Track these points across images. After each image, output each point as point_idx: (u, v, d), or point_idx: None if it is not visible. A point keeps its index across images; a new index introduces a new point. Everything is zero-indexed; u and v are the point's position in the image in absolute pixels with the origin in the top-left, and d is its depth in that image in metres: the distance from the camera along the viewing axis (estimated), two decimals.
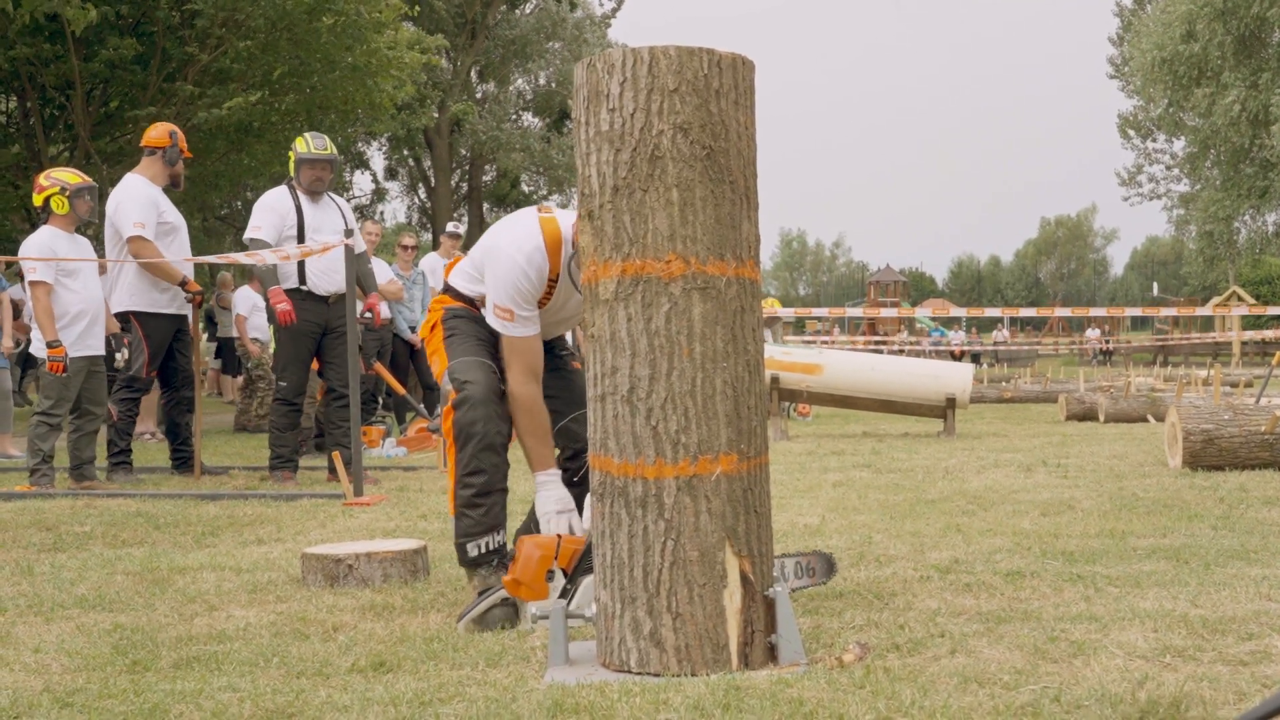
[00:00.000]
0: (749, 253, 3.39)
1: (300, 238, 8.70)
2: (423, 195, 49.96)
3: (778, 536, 5.52)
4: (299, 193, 8.85)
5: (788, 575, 3.99)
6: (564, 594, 3.80)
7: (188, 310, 9.05)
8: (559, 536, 3.94)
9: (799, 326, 56.04)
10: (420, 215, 50.70)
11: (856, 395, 12.24)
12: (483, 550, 4.26)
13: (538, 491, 4.19)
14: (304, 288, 8.75)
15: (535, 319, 4.21)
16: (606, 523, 3.37)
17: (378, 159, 46.99)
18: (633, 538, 3.31)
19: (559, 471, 4.26)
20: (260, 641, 3.85)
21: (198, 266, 9.73)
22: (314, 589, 4.75)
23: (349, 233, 8.70)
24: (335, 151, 8.98)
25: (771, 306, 18.27)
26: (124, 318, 8.88)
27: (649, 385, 3.28)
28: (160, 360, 8.99)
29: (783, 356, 12.30)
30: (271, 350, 8.88)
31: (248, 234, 8.81)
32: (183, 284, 8.84)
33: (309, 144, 8.90)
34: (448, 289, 4.57)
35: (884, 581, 4.55)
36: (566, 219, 4.21)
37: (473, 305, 4.45)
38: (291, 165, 8.94)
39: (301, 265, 8.74)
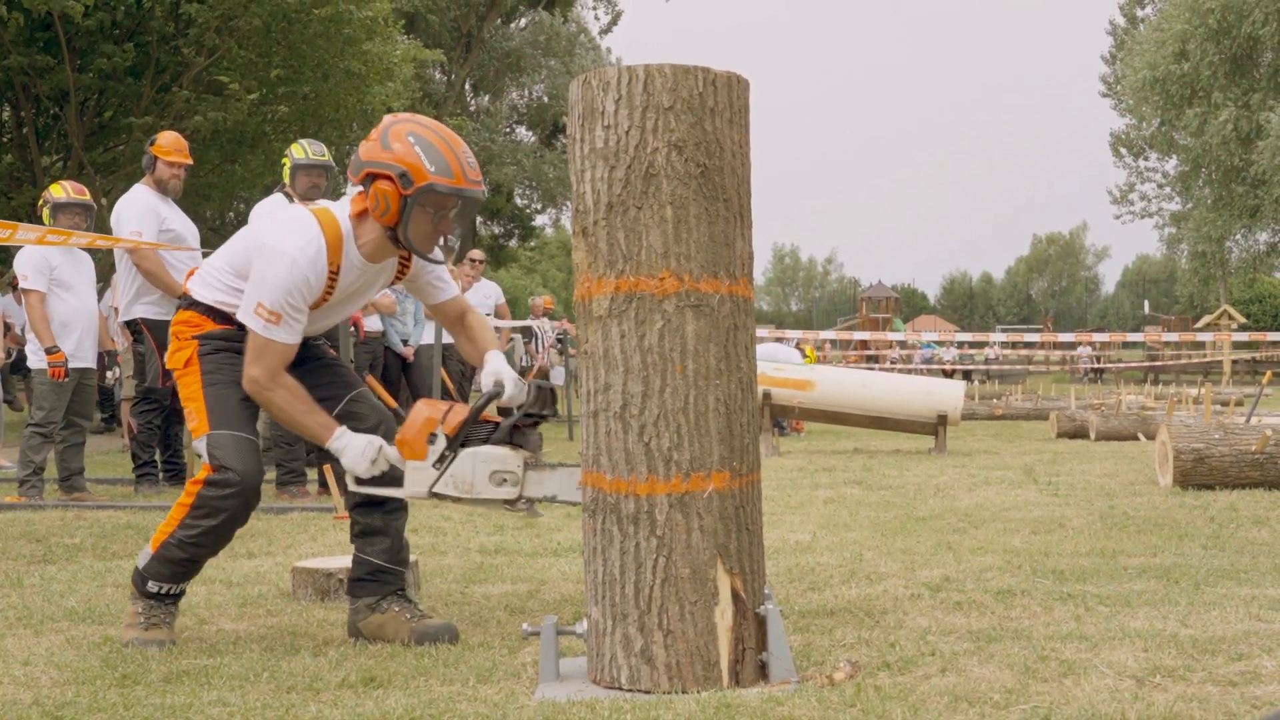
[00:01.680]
0: (742, 270, 3.40)
1: None
2: None
3: (769, 554, 5.52)
4: (296, 201, 8.82)
5: None
6: (441, 459, 3.90)
7: None
8: (449, 404, 3.99)
9: (792, 344, 55.92)
10: None
11: (848, 411, 12.24)
12: (164, 591, 4.12)
13: (341, 453, 4.01)
14: None
15: (302, 325, 3.99)
16: (598, 539, 3.37)
17: None
18: (624, 554, 3.31)
19: (343, 427, 4.06)
20: (250, 656, 3.84)
21: None
22: (305, 603, 4.75)
23: None
24: (330, 159, 8.96)
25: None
26: (135, 326, 8.82)
27: (642, 402, 3.29)
28: None
29: (774, 373, 12.30)
30: None
31: None
32: (182, 295, 8.74)
33: (305, 150, 8.84)
34: (194, 305, 4.16)
35: (875, 599, 4.55)
36: (340, 209, 4.06)
37: (229, 322, 4.11)
38: (286, 173, 8.88)
39: None
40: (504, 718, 3.06)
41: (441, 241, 4.09)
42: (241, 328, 4.03)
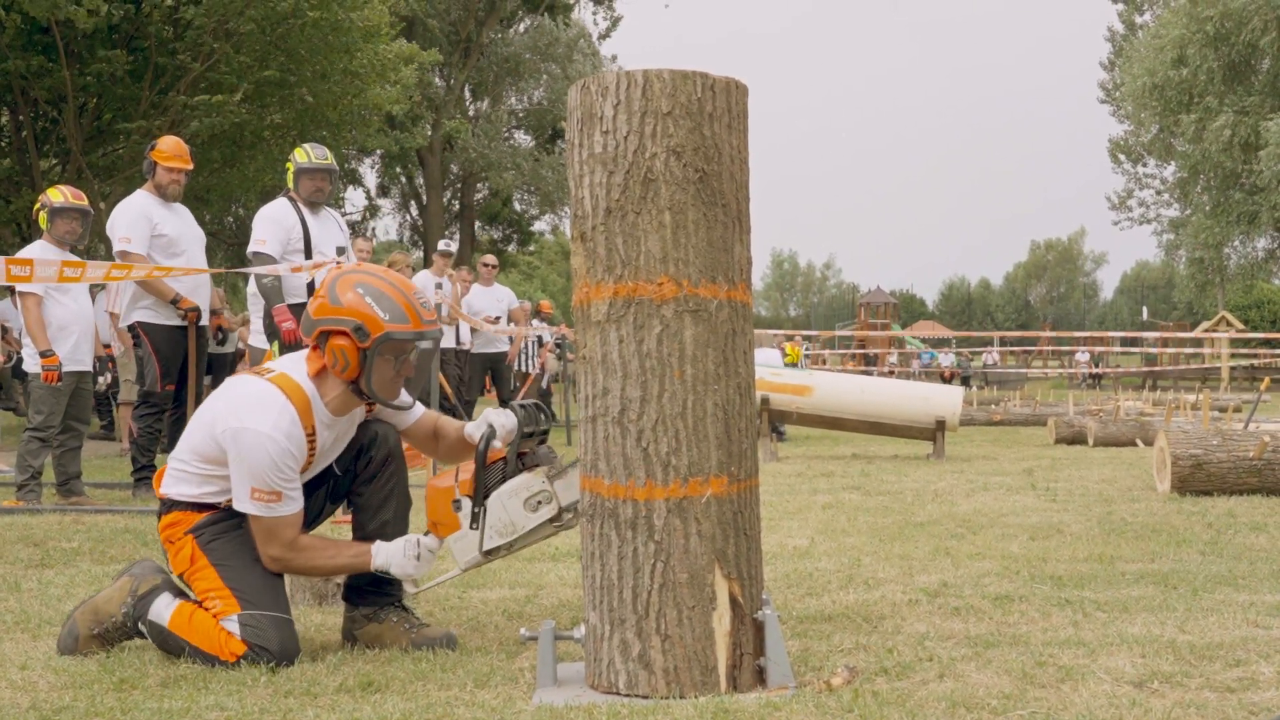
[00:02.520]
0: (741, 275, 3.40)
1: (307, 252, 8.65)
2: (414, 213, 50.05)
3: (767, 559, 5.52)
4: (299, 205, 8.81)
5: None
6: (475, 519, 3.91)
7: (202, 324, 8.90)
8: (454, 469, 3.99)
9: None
10: (412, 232, 50.79)
11: (846, 417, 12.24)
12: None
13: (387, 570, 3.98)
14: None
15: (300, 488, 3.92)
16: (596, 544, 3.37)
17: (370, 175, 47.02)
18: (622, 559, 3.31)
19: (376, 544, 4.03)
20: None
21: (215, 282, 9.71)
22: (302, 607, 4.75)
23: (341, 250, 8.70)
24: (334, 162, 8.95)
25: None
26: (134, 331, 8.81)
27: (640, 407, 3.29)
28: (175, 374, 8.83)
29: (772, 378, 12.30)
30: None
31: (251, 248, 8.69)
32: (174, 301, 8.69)
33: (309, 154, 8.82)
34: (174, 505, 4.00)
35: (873, 605, 4.55)
36: (297, 371, 3.97)
37: (214, 508, 3.98)
38: (290, 177, 8.87)
39: (311, 284, 8.67)
40: None
41: (403, 387, 4.08)
42: (227, 510, 3.94)
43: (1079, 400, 20.89)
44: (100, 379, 8.68)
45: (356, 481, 4.17)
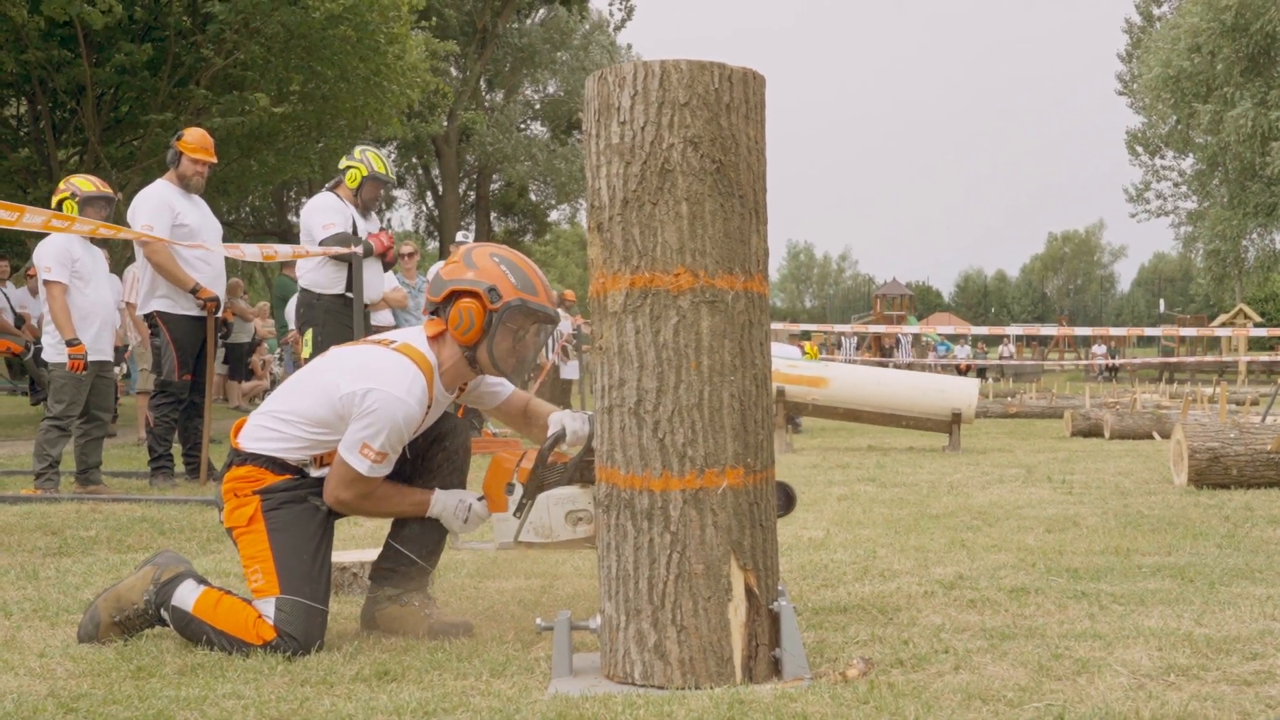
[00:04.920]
0: (758, 266, 3.40)
1: (357, 241, 8.84)
2: (430, 203, 50.07)
3: (783, 550, 5.52)
4: (350, 204, 9.00)
5: None
6: (520, 508, 3.99)
7: (217, 314, 8.95)
8: (523, 453, 4.06)
9: (804, 338, 55.82)
10: (428, 223, 50.81)
11: (862, 409, 12.23)
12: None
13: (440, 519, 4.15)
14: (349, 294, 8.80)
15: (396, 458, 4.00)
16: (612, 535, 3.37)
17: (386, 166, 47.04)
18: (638, 550, 3.31)
19: (435, 492, 4.16)
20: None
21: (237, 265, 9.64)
22: None
23: (360, 242, 8.79)
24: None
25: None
26: (151, 320, 8.85)
27: (656, 398, 3.29)
28: (191, 364, 8.88)
29: (789, 369, 12.29)
30: (305, 356, 8.81)
31: (324, 234, 8.83)
32: (194, 291, 8.73)
33: (384, 164, 9.19)
34: (251, 459, 4.01)
35: (888, 596, 4.55)
36: (418, 340, 4.07)
37: (289, 471, 4.02)
38: (353, 178, 9.04)
39: (349, 271, 8.78)
40: (517, 712, 3.07)
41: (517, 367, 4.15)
42: (303, 475, 4.01)
43: (1095, 393, 20.84)
44: (115, 369, 8.72)
45: (422, 466, 4.24)
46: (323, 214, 8.94)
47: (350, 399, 3.87)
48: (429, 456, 4.22)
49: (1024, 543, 5.82)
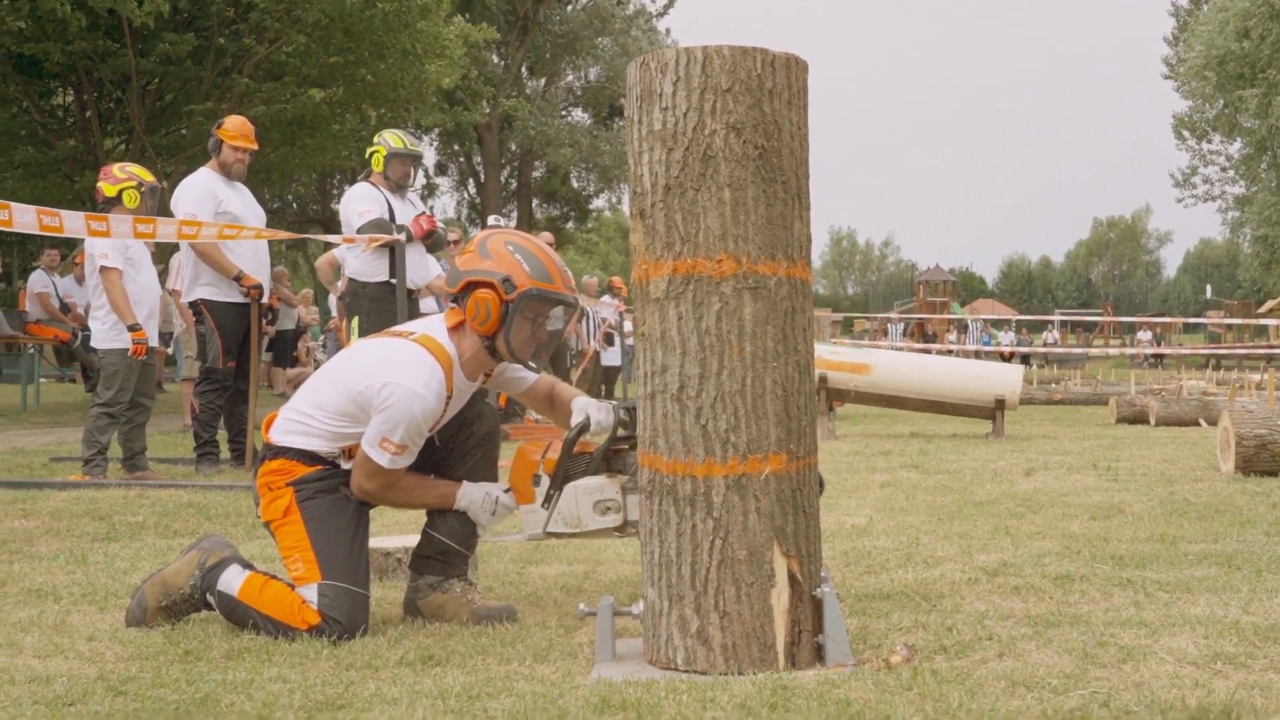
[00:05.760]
0: (800, 252, 3.39)
1: (395, 224, 8.90)
2: (472, 190, 50.19)
3: (825, 537, 5.51)
4: (383, 188, 9.05)
5: None
6: (548, 499, 4.02)
7: (261, 301, 8.99)
8: (548, 444, 4.08)
9: (847, 327, 55.71)
10: (470, 210, 50.93)
11: (905, 395, 12.19)
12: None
13: (468, 511, 4.15)
14: (393, 281, 8.84)
15: (418, 451, 4.04)
16: (655, 520, 3.38)
17: (429, 154, 47.19)
18: (681, 536, 3.31)
19: (464, 485, 4.17)
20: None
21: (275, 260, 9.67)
22: None
23: (400, 228, 8.81)
24: (420, 148, 9.19)
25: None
26: (196, 307, 8.91)
27: (699, 384, 3.29)
28: (236, 351, 8.95)
29: (831, 356, 12.26)
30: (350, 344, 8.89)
31: (360, 221, 8.90)
32: (237, 278, 8.77)
33: (403, 140, 9.22)
34: (282, 452, 4.05)
35: (931, 583, 4.54)
36: (438, 331, 4.07)
37: (321, 462, 4.07)
38: (377, 161, 9.11)
39: (391, 258, 8.83)
40: (560, 697, 3.08)
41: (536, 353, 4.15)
42: (334, 466, 4.06)
43: (1141, 379, 20.69)
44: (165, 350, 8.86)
45: (450, 454, 4.23)
46: (358, 202, 9.01)
47: (368, 393, 3.90)
48: (458, 444, 4.23)
49: (1069, 530, 5.79)
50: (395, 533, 5.75)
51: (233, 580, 3.98)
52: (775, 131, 3.32)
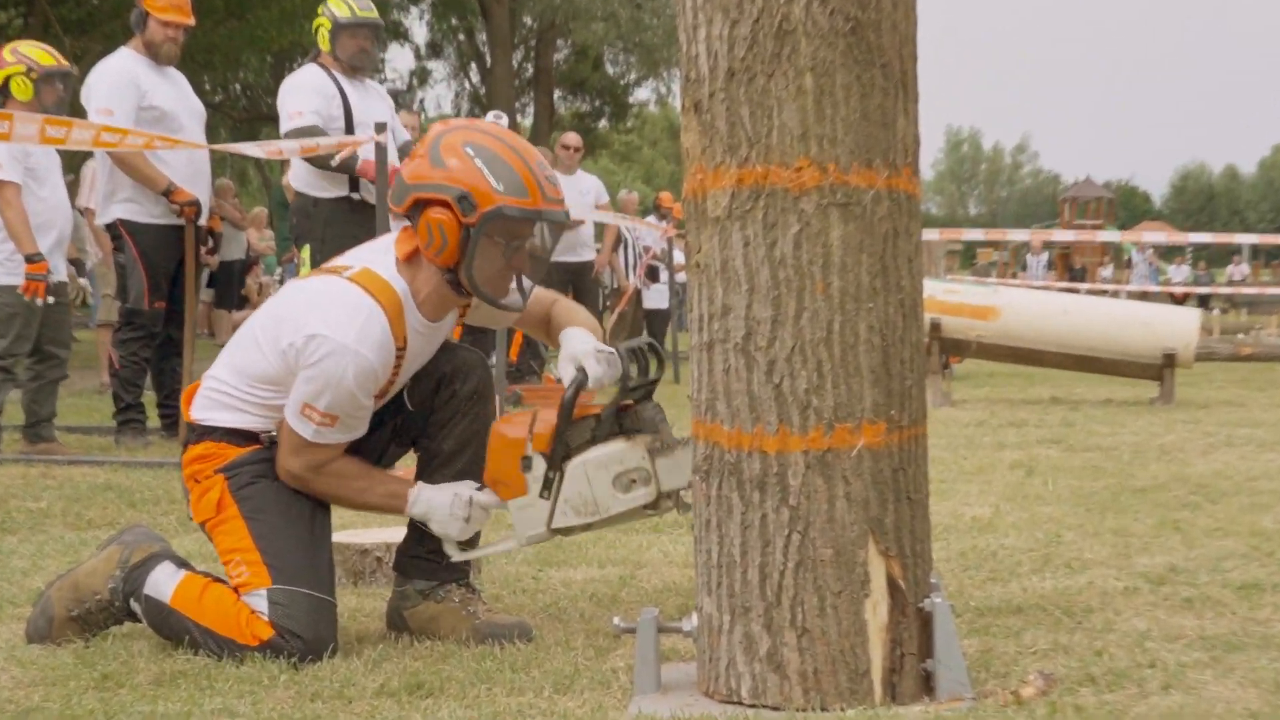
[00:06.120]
0: (905, 158, 3.38)
1: (349, 128, 8.75)
2: (475, 78, 50.07)
3: (938, 531, 5.51)
4: (335, 72, 8.92)
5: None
6: (546, 485, 3.90)
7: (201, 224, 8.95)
8: (533, 413, 3.97)
9: (968, 257, 55.54)
10: (472, 104, 50.82)
11: (1043, 348, 12.13)
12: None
13: (425, 520, 4.08)
14: (355, 196, 8.79)
15: (364, 420, 4.04)
16: (713, 509, 3.39)
17: (419, 30, 47.10)
18: (747, 529, 3.32)
19: (418, 486, 4.13)
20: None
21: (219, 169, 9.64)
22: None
23: (381, 128, 8.67)
24: (378, 15, 9.06)
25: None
26: (113, 230, 8.85)
27: (771, 330, 3.29)
28: (166, 288, 8.87)
29: (946, 295, 12.22)
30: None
31: (288, 124, 8.78)
32: (167, 193, 8.70)
33: (350, 6, 8.96)
34: (206, 433, 4.07)
35: (1076, 593, 4.54)
36: (381, 261, 4.03)
37: (256, 441, 4.08)
38: (323, 38, 9.00)
39: (350, 161, 8.69)
40: None
41: (515, 283, 4.10)
42: (274, 444, 4.06)
43: None
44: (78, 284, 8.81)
45: (430, 421, 4.23)
46: (293, 96, 8.89)
47: (292, 351, 3.89)
48: (439, 406, 4.21)
49: (1258, 525, 5.78)
50: (374, 524, 5.79)
51: (164, 583, 4.00)
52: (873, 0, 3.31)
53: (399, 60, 46.18)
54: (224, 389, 4.06)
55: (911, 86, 3.42)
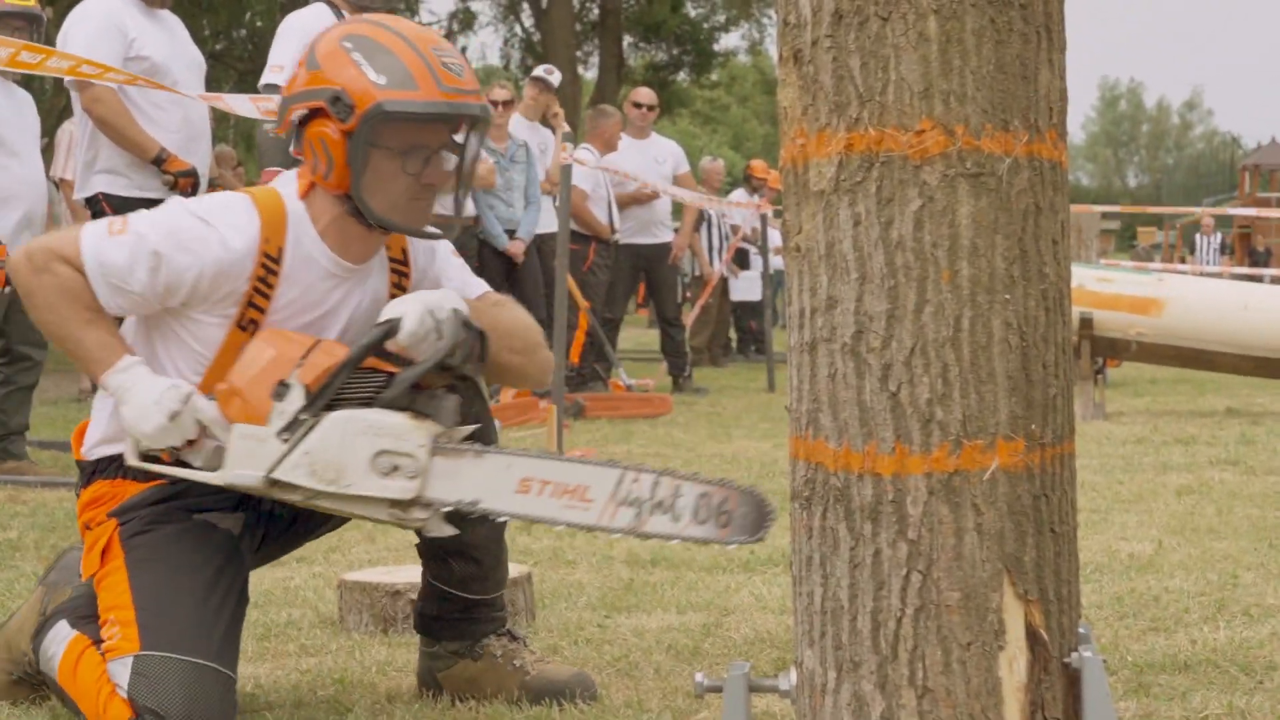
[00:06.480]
0: (1050, 119, 3.37)
1: None
2: (528, 22, 50.20)
3: (1088, 571, 5.50)
4: (346, 13, 8.92)
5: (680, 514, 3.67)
6: (293, 426, 3.68)
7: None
8: (314, 341, 3.81)
9: (1126, 238, 55.23)
10: (524, 54, 50.96)
11: (1217, 349, 12.07)
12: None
13: (121, 398, 3.73)
14: None
15: (152, 289, 3.75)
16: (816, 544, 3.40)
17: None
18: (857, 568, 3.33)
19: (134, 358, 3.80)
20: (278, 714, 3.94)
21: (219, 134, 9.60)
22: (358, 635, 4.86)
23: None
24: None
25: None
26: (95, 205, 8.90)
27: (886, 328, 3.29)
28: None
29: (1099, 285, 12.17)
30: None
31: (266, 78, 8.81)
32: (158, 161, 8.74)
33: None
34: (97, 470, 3.98)
35: (1256, 647, 4.53)
36: (285, 182, 3.94)
37: (158, 475, 3.86)
38: None
39: None
40: None
41: (438, 206, 3.95)
42: (177, 480, 3.85)
43: None
44: None
45: None
46: (282, 43, 8.90)
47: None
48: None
49: None
50: (407, 561, 5.81)
51: (55, 648, 3.90)
52: None
53: (438, 2, 46.25)
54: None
55: (1057, 32, 3.41)
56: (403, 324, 3.70)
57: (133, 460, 3.79)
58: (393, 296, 4.00)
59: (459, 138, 3.93)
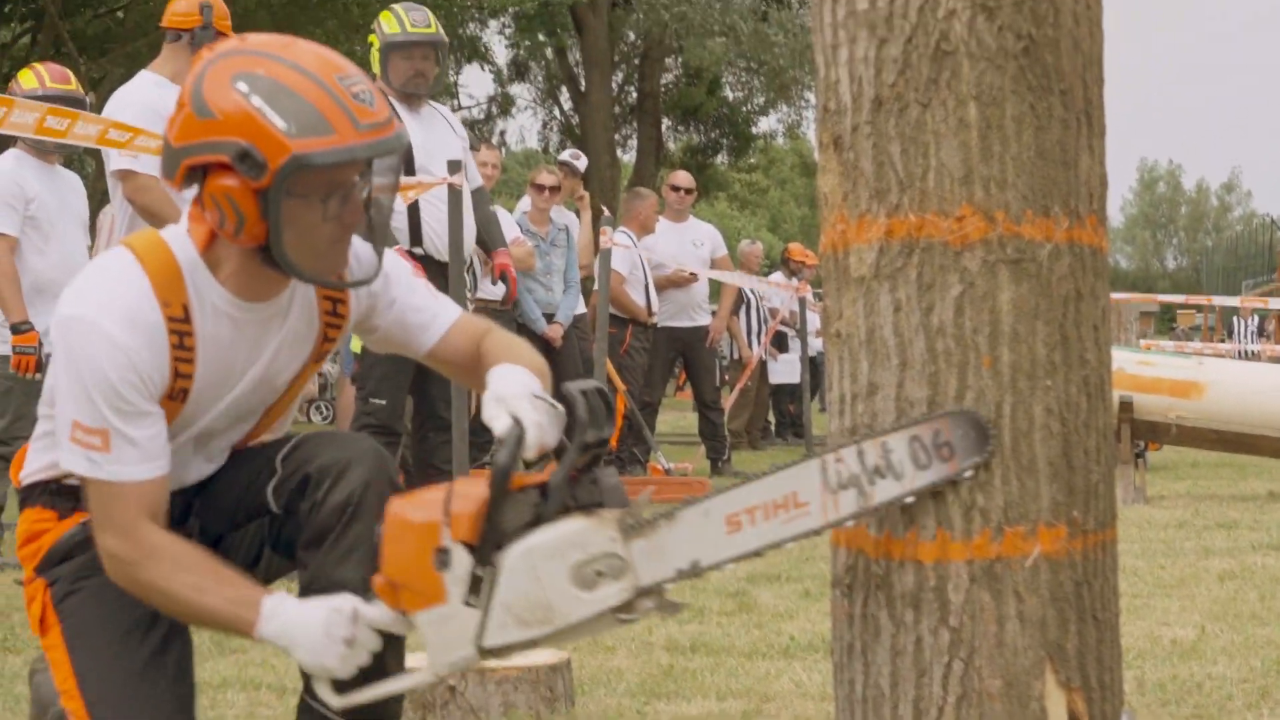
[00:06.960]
0: (1090, 204, 3.38)
1: (407, 168, 8.58)
2: (567, 105, 50.34)
3: (1130, 659, 5.47)
4: (391, 99, 8.88)
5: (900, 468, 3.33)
6: (474, 586, 3.30)
7: None
8: (447, 491, 3.35)
9: (1166, 321, 55.13)
10: (563, 136, 51.10)
11: (1260, 432, 12.03)
12: None
13: (288, 646, 3.43)
14: (418, 251, 8.72)
15: (154, 441, 3.46)
16: (857, 631, 3.39)
17: (499, 48, 47.44)
18: (898, 656, 3.32)
19: (278, 596, 3.47)
20: None
21: None
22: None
23: (455, 165, 8.66)
24: (440, 31, 8.95)
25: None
26: None
27: (928, 413, 3.29)
28: None
29: (1139, 369, 12.15)
30: (355, 349, 8.78)
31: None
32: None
33: (402, 20, 8.82)
34: (30, 496, 3.72)
35: None
36: (174, 228, 3.55)
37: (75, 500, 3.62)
38: (374, 58, 8.96)
39: (415, 215, 8.61)
40: None
41: (358, 251, 3.65)
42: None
43: None
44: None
45: (301, 532, 3.67)
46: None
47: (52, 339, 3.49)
48: (302, 519, 3.67)
49: None
50: None
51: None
52: (1050, 13, 3.32)
53: (478, 84, 46.33)
54: (44, 426, 3.69)
55: (1097, 117, 3.42)
56: (527, 430, 3.35)
57: (338, 702, 3.49)
58: (328, 325, 3.77)
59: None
